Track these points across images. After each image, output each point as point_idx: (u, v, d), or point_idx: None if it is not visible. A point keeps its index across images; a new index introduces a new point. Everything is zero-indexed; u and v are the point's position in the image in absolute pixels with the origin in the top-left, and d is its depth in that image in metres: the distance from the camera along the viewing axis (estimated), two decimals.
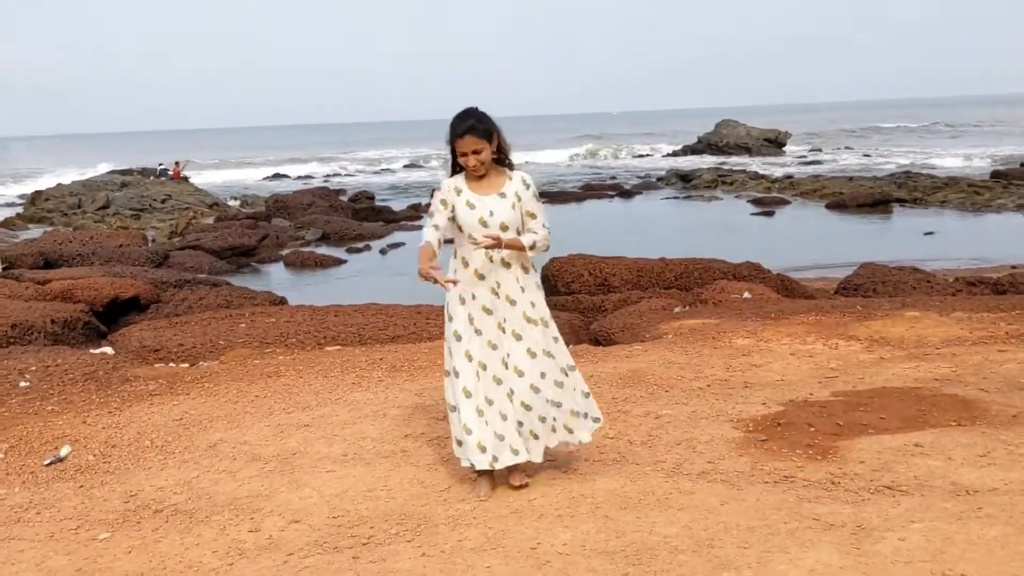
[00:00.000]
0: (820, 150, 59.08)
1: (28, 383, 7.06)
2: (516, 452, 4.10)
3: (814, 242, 21.56)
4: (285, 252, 22.03)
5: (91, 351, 8.69)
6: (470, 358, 4.14)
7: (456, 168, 4.21)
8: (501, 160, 4.21)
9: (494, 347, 4.15)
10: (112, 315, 12.45)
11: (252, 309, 10.70)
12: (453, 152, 4.14)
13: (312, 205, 28.85)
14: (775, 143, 56.04)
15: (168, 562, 3.76)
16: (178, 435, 5.57)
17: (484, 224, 4.08)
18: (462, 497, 4.20)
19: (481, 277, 4.15)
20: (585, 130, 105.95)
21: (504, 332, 4.17)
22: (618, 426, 5.21)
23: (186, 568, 3.69)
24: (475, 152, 4.04)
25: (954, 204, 27.49)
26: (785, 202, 29.65)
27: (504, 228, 4.09)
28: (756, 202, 29.80)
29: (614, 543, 3.61)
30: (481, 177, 4.15)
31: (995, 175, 33.46)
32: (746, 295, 10.96)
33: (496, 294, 4.17)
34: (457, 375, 4.17)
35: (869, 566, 3.25)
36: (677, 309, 10.32)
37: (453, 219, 4.14)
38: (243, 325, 9.51)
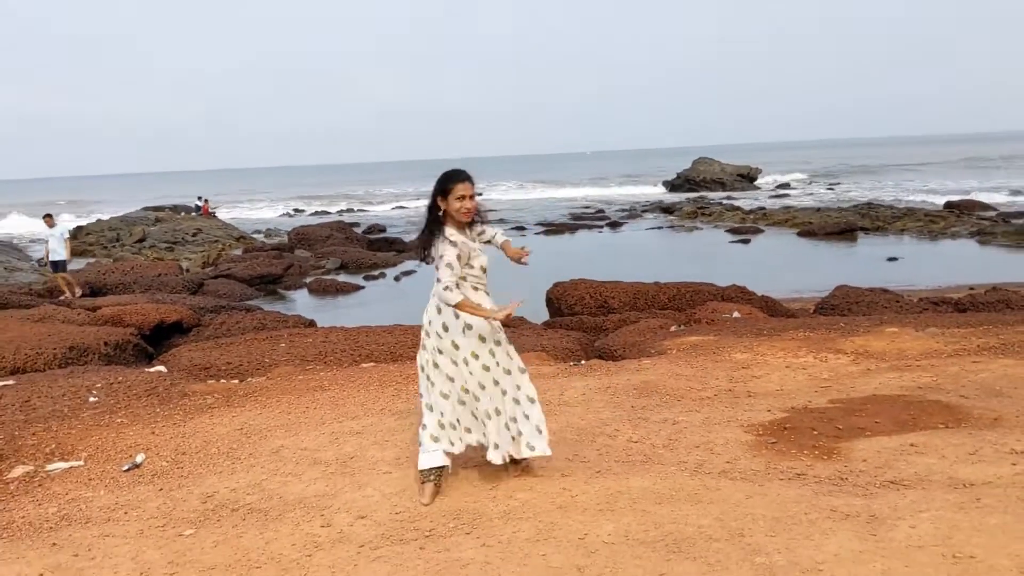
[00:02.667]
0: (788, 184, 59.45)
1: (96, 398, 7.11)
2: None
3: (788, 266, 21.72)
4: (308, 280, 22.12)
5: (147, 369, 8.75)
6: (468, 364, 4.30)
7: (434, 220, 4.17)
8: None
9: (486, 369, 4.29)
10: (157, 338, 12.53)
11: (289, 331, 10.76)
12: (438, 202, 4.16)
13: (330, 237, 28.98)
14: (747, 178, 56.41)
15: (251, 555, 3.82)
16: (241, 443, 5.64)
17: (484, 271, 4.27)
18: (509, 495, 4.27)
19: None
20: (568, 171, 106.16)
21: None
22: (640, 431, 5.29)
23: (269, 559, 3.75)
24: (471, 197, 4.16)
25: (913, 232, 27.72)
26: (760, 231, 29.86)
27: (485, 270, 4.30)
28: (733, 231, 30.00)
29: (653, 533, 3.68)
30: (463, 224, 4.23)
31: (948, 205, 33.79)
32: (735, 315, 11.06)
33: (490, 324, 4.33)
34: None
35: (887, 550, 3.33)
36: (674, 328, 10.41)
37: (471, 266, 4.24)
38: (283, 345, 9.58)
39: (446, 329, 4.22)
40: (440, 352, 4.25)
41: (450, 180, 4.15)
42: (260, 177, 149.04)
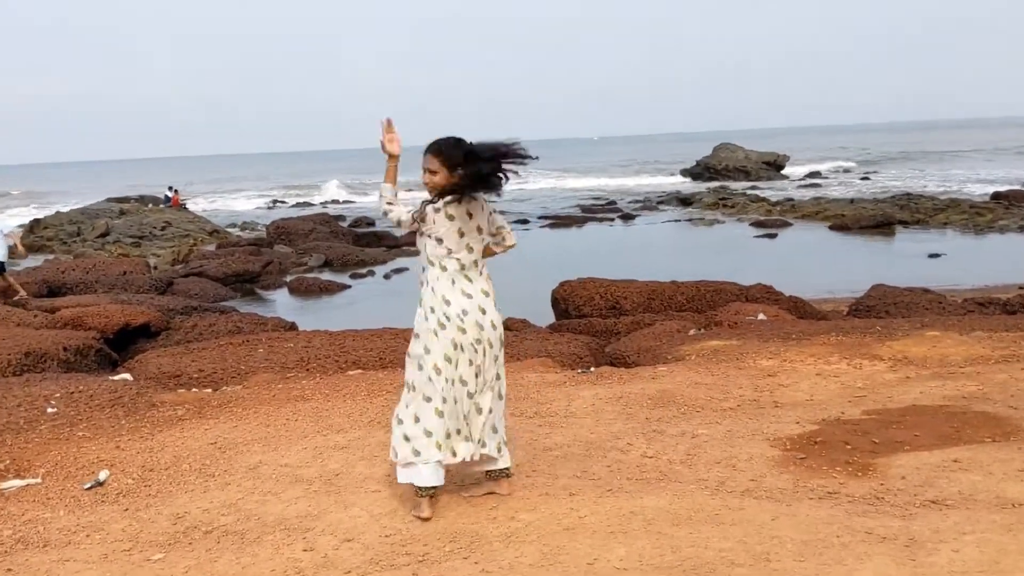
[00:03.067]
0: (819, 173, 59.45)
1: (55, 409, 7.13)
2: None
3: (819, 264, 21.74)
4: (289, 278, 22.15)
5: (111, 377, 8.76)
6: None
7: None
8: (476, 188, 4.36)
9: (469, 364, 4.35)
10: (122, 342, 12.55)
11: (268, 334, 10.79)
12: None
13: (313, 231, 29.03)
14: (774, 166, 56.41)
15: None
16: (215, 458, 5.65)
17: (462, 235, 4.33)
18: (511, 515, 4.28)
19: (453, 282, 4.34)
20: (577, 158, 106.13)
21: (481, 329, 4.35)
22: (655, 446, 5.30)
23: None
24: (430, 172, 4.25)
25: (956, 225, 27.73)
26: (787, 224, 29.87)
27: (480, 235, 4.40)
28: (758, 224, 30.02)
29: (670, 558, 3.69)
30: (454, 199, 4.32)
31: (996, 196, 33.77)
32: (760, 316, 11.08)
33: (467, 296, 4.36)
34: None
35: None
36: (692, 331, 10.43)
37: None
38: (261, 350, 9.59)
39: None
40: None
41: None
42: (245, 165, 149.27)
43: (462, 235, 4.26)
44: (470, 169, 4.17)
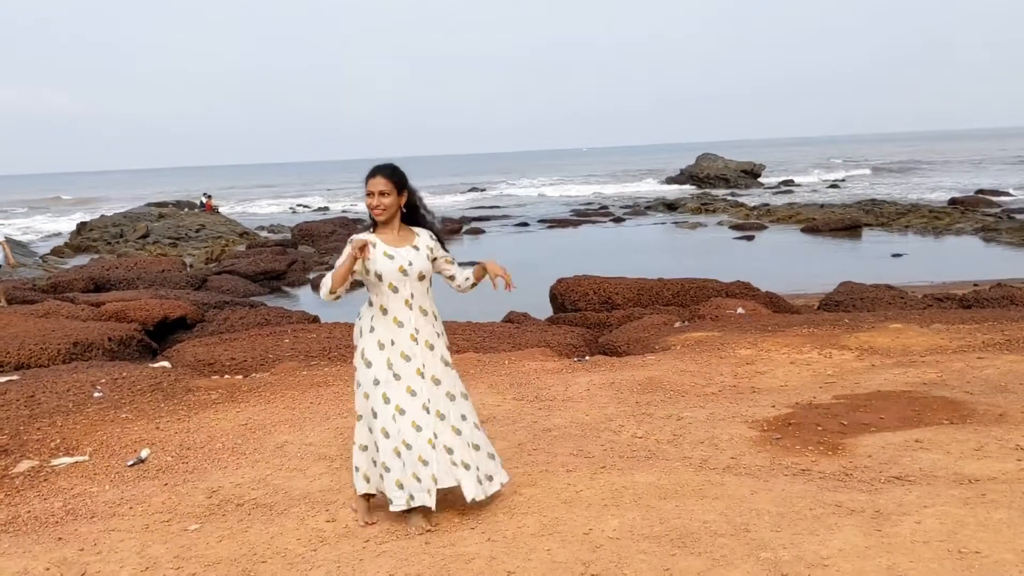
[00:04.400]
0: (792, 180, 59.34)
1: (101, 394, 7.13)
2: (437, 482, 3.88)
3: (793, 263, 21.69)
4: (312, 276, 22.10)
5: (152, 365, 8.76)
6: (387, 400, 3.90)
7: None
8: (412, 219, 4.08)
9: (412, 393, 3.90)
10: (161, 333, 12.55)
11: (293, 326, 10.78)
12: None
13: (334, 233, 29.00)
14: (751, 174, 56.30)
15: (257, 549, 3.83)
16: (246, 438, 5.65)
17: (404, 273, 3.92)
18: (513, 490, 4.27)
19: (400, 324, 3.94)
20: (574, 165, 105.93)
21: (423, 378, 3.93)
22: (644, 427, 5.30)
23: (275, 554, 3.76)
24: (381, 194, 3.91)
25: (917, 228, 27.67)
26: (763, 227, 29.80)
27: (421, 277, 3.97)
28: (737, 227, 29.94)
29: (658, 528, 3.69)
30: (388, 227, 4.00)
31: (952, 202, 33.73)
32: (740, 311, 11.06)
33: (415, 340, 3.94)
34: (375, 415, 3.91)
35: (891, 545, 3.33)
36: (678, 324, 10.41)
37: (366, 271, 3.93)
38: (287, 340, 9.58)
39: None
40: None
41: (367, 176, 3.98)
42: (268, 174, 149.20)
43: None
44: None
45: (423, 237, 4.07)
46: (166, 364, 8.99)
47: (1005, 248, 23.02)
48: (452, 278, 4.17)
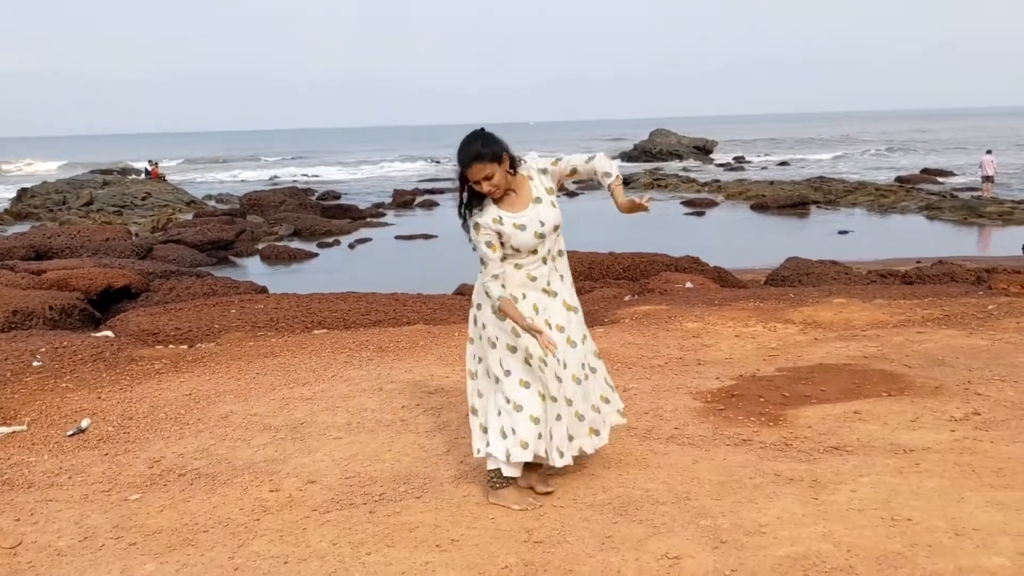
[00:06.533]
0: (743, 157, 59.93)
1: (40, 363, 6.97)
2: (562, 455, 3.72)
3: (742, 239, 21.96)
4: (260, 246, 21.86)
5: (94, 334, 8.59)
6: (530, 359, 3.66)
7: (465, 193, 3.71)
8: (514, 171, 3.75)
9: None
10: (105, 303, 12.31)
11: (240, 297, 10.63)
12: (462, 179, 3.66)
13: (283, 203, 28.63)
14: (703, 150, 56.77)
15: (199, 518, 3.80)
16: (190, 408, 5.58)
17: (541, 236, 3.69)
18: (460, 459, 4.28)
19: (533, 279, 3.74)
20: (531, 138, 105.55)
21: (551, 328, 3.71)
22: None
23: (216, 523, 3.74)
24: (486, 178, 3.58)
25: (863, 205, 28.16)
26: (714, 203, 30.10)
27: (556, 228, 3.77)
28: (688, 203, 30.20)
29: (601, 497, 3.73)
30: (504, 197, 3.70)
31: (899, 180, 34.36)
32: (688, 285, 11.18)
33: (547, 293, 3.77)
34: (508, 374, 3.69)
35: (827, 513, 3.41)
36: (628, 297, 10.49)
37: (504, 251, 3.69)
38: (233, 311, 9.46)
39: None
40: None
41: (460, 164, 3.63)
42: (226, 141, 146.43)
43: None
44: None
45: (536, 180, 3.78)
46: (109, 333, 8.82)
47: (948, 226, 23.57)
48: (575, 172, 3.86)
